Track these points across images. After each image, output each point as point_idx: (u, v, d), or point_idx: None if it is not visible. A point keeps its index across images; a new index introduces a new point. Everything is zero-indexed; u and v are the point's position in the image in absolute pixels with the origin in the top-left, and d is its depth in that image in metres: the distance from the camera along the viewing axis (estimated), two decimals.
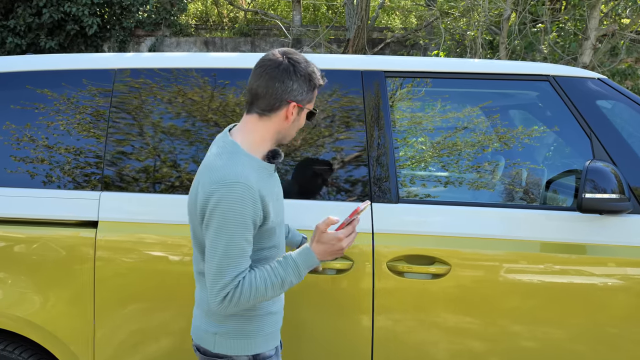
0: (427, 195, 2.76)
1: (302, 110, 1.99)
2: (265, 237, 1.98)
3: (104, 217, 2.68)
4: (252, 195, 1.82)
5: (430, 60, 2.89)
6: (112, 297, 2.64)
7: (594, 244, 2.56)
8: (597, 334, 2.55)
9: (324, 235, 1.92)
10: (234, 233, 1.81)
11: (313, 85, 1.96)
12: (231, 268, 1.83)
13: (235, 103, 2.76)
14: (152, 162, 2.72)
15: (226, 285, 1.83)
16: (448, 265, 2.54)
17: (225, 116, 2.75)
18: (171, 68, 2.84)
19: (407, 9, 13.01)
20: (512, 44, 7.64)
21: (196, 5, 15.27)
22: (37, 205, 2.69)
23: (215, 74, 2.80)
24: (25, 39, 11.35)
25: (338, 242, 1.91)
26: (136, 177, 2.72)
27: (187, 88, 2.80)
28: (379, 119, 2.73)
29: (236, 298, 1.84)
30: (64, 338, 2.64)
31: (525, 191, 2.88)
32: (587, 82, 2.82)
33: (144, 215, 2.68)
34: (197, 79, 2.80)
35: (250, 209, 1.83)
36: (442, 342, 2.58)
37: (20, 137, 2.78)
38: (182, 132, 2.74)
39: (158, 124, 2.76)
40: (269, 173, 1.99)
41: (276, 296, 1.92)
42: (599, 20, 7.28)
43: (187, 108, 2.77)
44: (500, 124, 3.11)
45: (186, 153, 2.72)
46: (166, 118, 2.76)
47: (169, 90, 2.80)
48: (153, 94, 2.79)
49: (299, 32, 12.73)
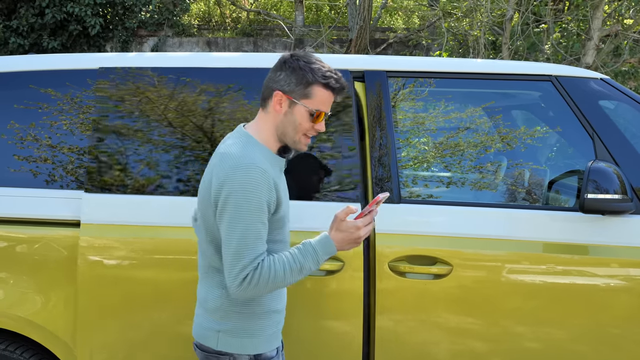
0: (429, 196, 2.76)
1: (294, 105, 1.96)
2: (275, 228, 1.99)
3: (86, 219, 2.65)
4: (267, 179, 1.85)
5: (433, 60, 2.89)
6: (94, 302, 2.62)
7: (596, 245, 2.55)
8: (600, 335, 2.54)
9: (343, 223, 1.92)
10: (251, 215, 1.83)
11: (305, 80, 1.94)
12: (249, 250, 1.84)
13: (217, 104, 2.75)
14: (137, 164, 2.70)
15: (245, 266, 1.84)
16: (450, 265, 2.54)
17: (210, 117, 2.73)
18: (156, 67, 2.81)
19: (410, 9, 13.01)
20: (514, 44, 7.63)
21: (199, 5, 15.28)
22: (20, 205, 2.69)
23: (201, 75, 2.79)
24: (28, 39, 11.37)
25: (357, 231, 1.91)
26: (120, 178, 2.69)
27: (174, 89, 2.78)
28: (380, 119, 2.73)
29: (255, 280, 1.84)
30: (65, 337, 2.65)
31: (528, 192, 2.87)
32: (589, 82, 2.81)
33: (128, 217, 2.66)
34: (189, 80, 2.79)
35: (266, 193, 1.85)
36: (444, 343, 2.57)
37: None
38: (165, 133, 2.73)
39: (143, 125, 2.74)
40: (279, 167, 2.03)
41: (293, 282, 1.92)
42: (602, 20, 7.27)
43: (173, 109, 2.76)
44: (502, 124, 3.10)
45: (169, 153, 2.71)
46: (150, 119, 2.74)
47: (155, 90, 2.78)
48: (137, 95, 2.77)
49: (302, 33, 12.73)
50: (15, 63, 2.91)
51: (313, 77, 1.93)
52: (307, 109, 1.95)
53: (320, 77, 1.93)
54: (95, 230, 2.63)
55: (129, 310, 2.63)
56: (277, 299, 2.08)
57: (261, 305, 2.02)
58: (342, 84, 1.97)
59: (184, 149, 2.71)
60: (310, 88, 1.94)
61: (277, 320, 2.09)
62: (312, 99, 1.95)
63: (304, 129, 1.98)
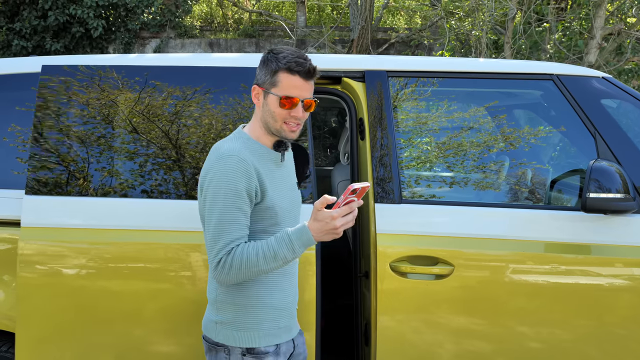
0: (431, 196, 2.75)
1: (267, 95, 2.00)
2: (266, 217, 2.01)
3: (26, 222, 2.61)
4: (245, 167, 1.92)
5: (434, 60, 2.88)
6: (35, 303, 2.57)
7: (599, 244, 2.54)
8: (603, 335, 2.53)
9: (319, 213, 1.92)
10: (226, 201, 1.91)
11: (271, 68, 1.98)
12: (225, 234, 1.90)
13: (163, 105, 2.74)
14: (77, 165, 2.68)
15: (219, 251, 1.90)
16: (452, 265, 2.53)
17: (151, 117, 2.72)
18: (96, 66, 2.79)
19: (412, 9, 13.00)
20: (517, 43, 7.61)
21: (201, 7, 15.30)
22: None
23: (148, 74, 2.77)
24: (30, 41, 11.39)
25: (332, 221, 1.89)
26: (61, 180, 2.66)
27: (114, 88, 2.75)
28: (381, 119, 2.72)
29: (228, 264, 1.89)
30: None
31: (530, 191, 2.86)
32: (591, 81, 2.80)
33: (68, 220, 2.62)
34: (124, 79, 2.76)
35: (243, 180, 1.91)
36: (446, 343, 2.56)
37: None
38: (107, 134, 2.70)
39: (84, 126, 2.71)
40: (273, 161, 2.05)
41: (270, 269, 1.92)
42: (604, 19, 7.25)
43: (115, 108, 2.73)
44: (505, 124, 3.09)
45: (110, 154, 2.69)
46: (90, 120, 2.72)
47: (95, 90, 2.75)
48: (77, 95, 2.75)
49: (303, 33, 12.73)
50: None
51: (277, 65, 1.98)
52: (276, 96, 1.98)
53: (283, 63, 1.97)
54: (34, 233, 2.59)
55: (69, 316, 2.58)
56: (274, 294, 2.06)
57: (254, 298, 2.03)
58: (305, 66, 1.98)
59: (127, 149, 2.68)
60: (276, 76, 1.98)
61: (274, 317, 2.06)
62: (279, 86, 1.98)
63: (281, 117, 2.00)
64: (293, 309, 2.15)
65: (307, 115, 2.04)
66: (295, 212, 2.15)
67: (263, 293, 2.04)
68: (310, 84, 2.01)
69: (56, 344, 2.58)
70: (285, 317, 2.10)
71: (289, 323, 2.12)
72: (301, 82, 1.99)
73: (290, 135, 2.03)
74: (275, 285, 2.07)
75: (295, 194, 2.16)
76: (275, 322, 2.07)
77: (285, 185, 2.10)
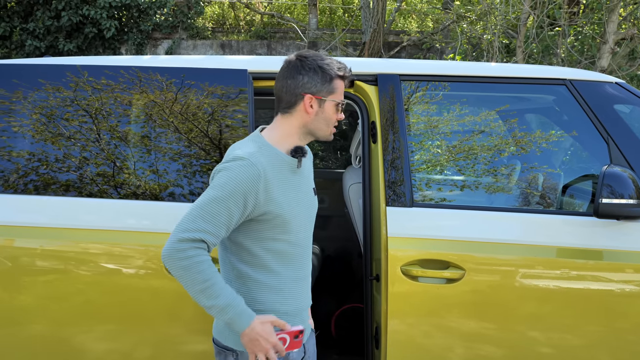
0: (442, 199, 2.75)
1: (324, 102, 2.03)
2: (275, 225, 1.98)
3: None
4: (253, 172, 1.89)
5: (446, 64, 2.88)
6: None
7: (611, 250, 2.53)
8: (615, 341, 2.52)
9: (268, 325, 1.92)
10: (220, 196, 1.86)
11: (327, 76, 2.02)
12: (200, 221, 1.85)
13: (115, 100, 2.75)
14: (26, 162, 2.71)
15: (187, 231, 1.84)
16: (462, 270, 2.53)
17: (89, 115, 2.74)
18: (57, 64, 2.81)
19: (424, 12, 12.98)
20: (529, 47, 7.59)
21: (213, 8, 15.35)
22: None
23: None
24: (44, 41, 11.47)
25: (267, 342, 1.90)
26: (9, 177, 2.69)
27: (53, 86, 2.77)
28: (394, 123, 2.73)
29: (185, 255, 1.83)
30: None
31: (542, 196, 2.86)
32: (604, 86, 2.79)
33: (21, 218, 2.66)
34: (71, 76, 2.79)
35: (246, 184, 1.88)
36: (457, 348, 2.56)
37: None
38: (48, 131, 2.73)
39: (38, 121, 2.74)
40: (290, 167, 2.03)
41: (193, 296, 1.88)
42: (617, 23, 7.22)
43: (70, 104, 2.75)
44: (516, 128, 3.09)
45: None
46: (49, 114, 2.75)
47: (44, 85, 2.77)
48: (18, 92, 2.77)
49: (315, 35, 12.75)
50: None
51: (332, 73, 2.02)
52: (335, 102, 2.04)
53: (336, 71, 2.03)
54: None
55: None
56: (288, 302, 2.06)
57: (267, 305, 2.01)
58: (349, 72, 2.08)
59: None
60: (333, 83, 2.03)
61: (287, 322, 2.06)
62: (336, 93, 2.05)
63: (334, 122, 2.08)
64: (305, 313, 2.15)
65: None
66: (307, 220, 2.11)
67: (276, 301, 2.03)
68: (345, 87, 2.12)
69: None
70: (296, 323, 2.09)
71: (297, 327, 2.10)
72: (342, 86, 2.09)
73: (331, 137, 2.10)
74: (289, 294, 2.06)
75: (311, 201, 2.13)
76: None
77: (300, 192, 2.07)
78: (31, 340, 2.63)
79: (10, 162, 2.69)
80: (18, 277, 2.61)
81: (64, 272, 2.59)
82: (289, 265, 2.04)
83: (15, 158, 2.70)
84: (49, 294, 2.61)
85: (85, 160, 2.68)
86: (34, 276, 2.60)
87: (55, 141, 2.70)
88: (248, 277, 2.00)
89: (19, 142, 2.71)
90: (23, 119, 2.73)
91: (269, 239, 2.00)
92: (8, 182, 2.68)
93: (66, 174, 2.67)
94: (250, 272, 2.00)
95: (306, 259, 2.12)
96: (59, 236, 2.60)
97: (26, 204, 2.66)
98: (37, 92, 2.75)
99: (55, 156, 2.69)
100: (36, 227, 2.62)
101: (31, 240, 2.62)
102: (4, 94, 2.76)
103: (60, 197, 2.65)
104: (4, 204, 2.66)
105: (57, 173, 2.68)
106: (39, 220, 2.64)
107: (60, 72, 2.77)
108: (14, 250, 2.62)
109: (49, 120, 2.72)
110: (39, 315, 2.61)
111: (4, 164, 2.69)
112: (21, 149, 2.71)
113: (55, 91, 2.75)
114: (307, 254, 2.13)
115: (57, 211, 2.64)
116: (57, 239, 2.60)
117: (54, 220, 2.63)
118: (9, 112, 2.74)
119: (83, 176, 2.67)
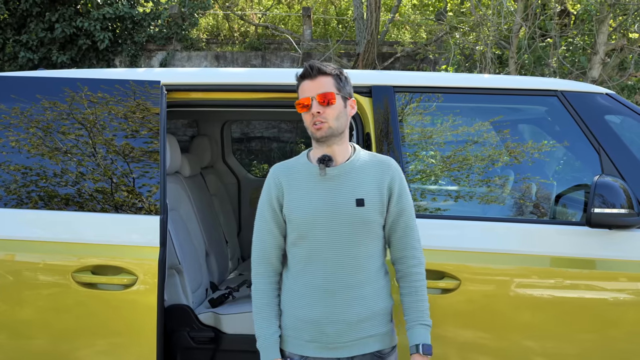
0: (437, 209, 2.77)
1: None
2: (290, 229, 2.14)
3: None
4: (273, 178, 2.18)
5: (439, 76, 2.92)
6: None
7: (604, 259, 2.55)
8: (608, 349, 2.54)
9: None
10: (260, 210, 2.20)
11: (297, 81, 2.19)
12: (258, 243, 2.20)
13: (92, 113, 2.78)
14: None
15: (255, 261, 2.22)
16: (458, 280, 2.55)
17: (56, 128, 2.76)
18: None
19: (417, 23, 13.05)
20: (521, 58, 7.65)
21: (207, 19, 15.39)
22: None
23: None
24: (37, 53, 11.46)
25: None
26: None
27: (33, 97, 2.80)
28: (388, 134, 2.75)
29: (253, 286, 2.21)
30: None
31: (535, 205, 2.88)
32: (595, 97, 2.82)
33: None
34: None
35: (269, 189, 2.18)
36: (453, 357, 2.57)
37: None
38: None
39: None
40: (309, 174, 2.14)
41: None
42: (607, 34, 7.29)
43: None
44: (510, 139, 3.12)
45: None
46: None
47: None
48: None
49: (310, 47, 12.80)
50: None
51: (296, 76, 2.19)
52: (297, 103, 2.15)
53: (299, 73, 2.17)
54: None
55: None
56: (298, 306, 2.11)
57: (284, 305, 2.18)
58: (306, 70, 2.14)
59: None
60: (298, 86, 2.17)
61: (299, 327, 2.10)
62: (300, 93, 2.15)
63: (308, 121, 2.13)
64: (329, 326, 2.09)
65: (332, 111, 2.09)
66: (330, 229, 2.08)
67: (289, 302, 2.15)
68: (317, 81, 2.11)
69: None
70: (311, 331, 2.09)
71: (319, 338, 2.09)
72: (308, 83, 2.12)
73: (317, 133, 2.10)
74: (300, 298, 2.11)
75: (340, 209, 2.08)
76: (299, 332, 2.11)
77: (322, 198, 2.09)
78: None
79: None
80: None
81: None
82: (305, 271, 2.10)
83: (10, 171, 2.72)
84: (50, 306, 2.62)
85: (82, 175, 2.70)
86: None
87: (53, 156, 2.72)
88: (282, 276, 2.23)
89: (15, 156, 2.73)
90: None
91: (290, 243, 2.15)
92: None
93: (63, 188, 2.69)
94: (283, 271, 2.22)
95: (329, 268, 2.08)
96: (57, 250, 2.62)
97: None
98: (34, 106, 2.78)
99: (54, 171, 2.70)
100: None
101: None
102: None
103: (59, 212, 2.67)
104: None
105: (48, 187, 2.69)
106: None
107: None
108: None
109: (45, 134, 2.74)
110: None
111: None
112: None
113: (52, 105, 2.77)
114: (331, 262, 2.08)
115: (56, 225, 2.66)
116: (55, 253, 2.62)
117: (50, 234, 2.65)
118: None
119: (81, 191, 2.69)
